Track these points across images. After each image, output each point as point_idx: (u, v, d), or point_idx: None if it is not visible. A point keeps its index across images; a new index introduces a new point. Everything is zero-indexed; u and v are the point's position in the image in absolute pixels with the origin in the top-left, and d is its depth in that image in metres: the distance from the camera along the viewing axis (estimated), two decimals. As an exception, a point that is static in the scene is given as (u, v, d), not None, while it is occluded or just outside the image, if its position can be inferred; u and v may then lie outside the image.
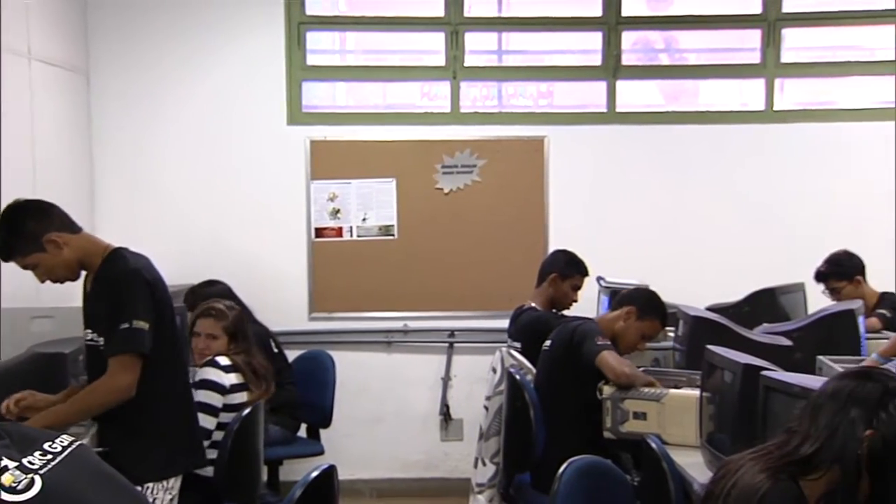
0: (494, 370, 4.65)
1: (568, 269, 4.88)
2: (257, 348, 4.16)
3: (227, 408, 3.81)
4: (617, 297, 4.31)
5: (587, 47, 6.05)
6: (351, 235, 5.92)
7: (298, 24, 5.91)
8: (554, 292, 4.89)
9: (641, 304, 4.08)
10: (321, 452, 5.14)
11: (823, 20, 6.05)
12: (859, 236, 5.35)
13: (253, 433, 3.77)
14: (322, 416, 5.30)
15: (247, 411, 3.73)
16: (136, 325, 3.01)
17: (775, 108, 5.98)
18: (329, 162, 5.92)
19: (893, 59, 6.01)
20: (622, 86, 6.01)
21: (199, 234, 5.82)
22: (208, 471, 3.53)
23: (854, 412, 2.02)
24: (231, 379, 3.87)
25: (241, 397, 3.87)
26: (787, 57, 5.97)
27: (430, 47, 6.02)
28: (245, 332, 4.05)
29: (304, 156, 5.91)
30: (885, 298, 4.96)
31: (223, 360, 3.90)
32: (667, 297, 4.58)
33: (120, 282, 3.06)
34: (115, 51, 5.80)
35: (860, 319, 4.18)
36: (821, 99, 6.14)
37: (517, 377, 4.15)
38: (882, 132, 5.86)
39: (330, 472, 2.64)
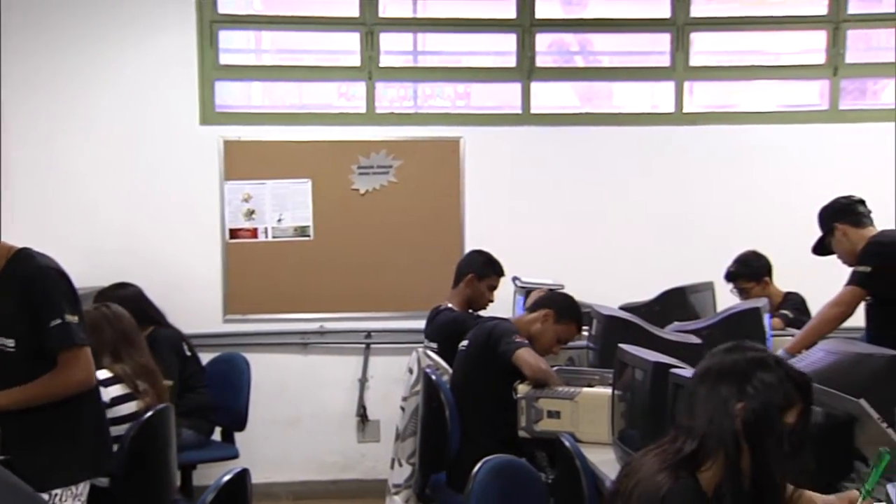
0: (411, 371, 4.66)
1: (484, 269, 4.91)
2: (164, 353, 4.05)
3: (115, 421, 3.65)
4: (534, 299, 4.34)
5: (503, 49, 6.09)
6: (266, 236, 5.87)
7: (210, 22, 5.84)
8: (471, 293, 4.91)
9: (559, 307, 4.12)
10: (236, 456, 5.08)
11: (730, 25, 6.18)
12: (764, 236, 5.48)
13: (158, 440, 3.67)
14: (237, 419, 5.24)
15: (148, 417, 3.62)
16: (67, 319, 2.99)
17: (685, 111, 6.09)
18: (243, 162, 5.86)
19: (797, 63, 6.19)
20: (538, 87, 6.06)
21: (110, 236, 5.70)
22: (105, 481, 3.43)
23: (724, 389, 2.06)
24: (112, 392, 3.72)
25: (128, 408, 3.73)
26: (695, 60, 6.09)
27: (346, 47, 6.00)
28: (131, 339, 3.89)
29: (217, 156, 5.83)
30: (789, 298, 5.09)
31: (102, 374, 3.73)
32: (581, 296, 4.64)
33: (35, 280, 3.00)
34: (26, 48, 5.65)
35: (766, 317, 4.29)
36: (728, 101, 6.27)
37: (433, 377, 4.16)
38: (786, 134, 6.02)
39: (243, 475, 2.61)
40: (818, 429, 2.52)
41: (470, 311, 4.89)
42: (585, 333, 4.52)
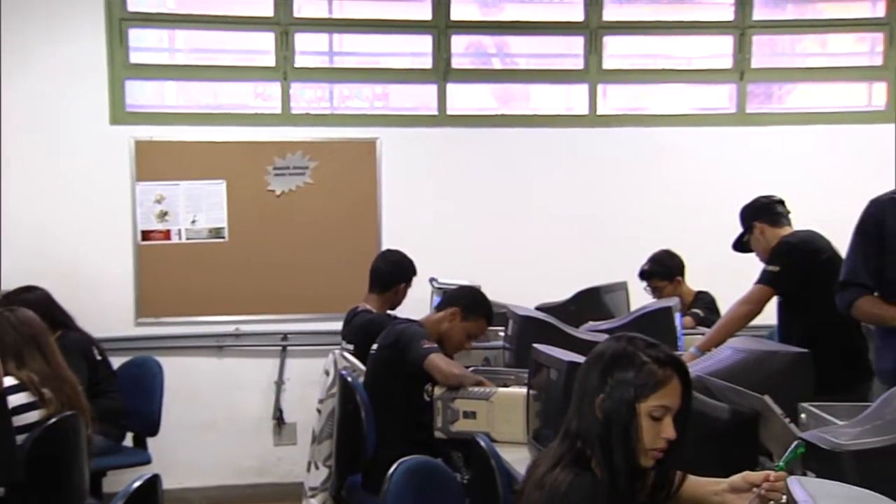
0: (327, 373, 4.63)
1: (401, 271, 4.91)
2: (73, 357, 3.95)
3: (18, 430, 3.53)
4: (445, 297, 4.34)
5: (419, 50, 6.10)
6: (179, 238, 5.78)
7: (120, 20, 5.73)
8: (397, 297, 4.92)
9: (465, 304, 4.12)
10: (148, 461, 4.99)
11: (641, 29, 6.28)
12: (676, 236, 5.55)
13: (62, 448, 3.57)
14: (149, 424, 5.15)
15: (50, 424, 3.52)
16: None
17: (598, 113, 6.17)
18: (156, 163, 5.76)
19: (706, 67, 6.33)
20: (455, 89, 6.09)
21: (18, 238, 5.55)
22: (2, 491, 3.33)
23: (588, 383, 2.11)
24: (16, 400, 3.61)
25: (32, 416, 3.62)
26: (608, 63, 6.17)
27: (261, 47, 5.94)
28: (38, 344, 3.78)
29: (128, 156, 5.73)
30: (700, 297, 5.19)
31: (8, 381, 3.61)
32: (498, 297, 4.66)
33: None
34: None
35: (677, 316, 4.37)
36: (641, 104, 6.38)
37: (349, 379, 4.13)
38: (696, 136, 6.16)
39: (153, 480, 2.56)
40: (724, 425, 2.63)
41: (388, 313, 4.88)
42: (501, 334, 4.55)
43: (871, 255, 3.41)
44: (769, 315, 4.74)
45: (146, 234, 5.76)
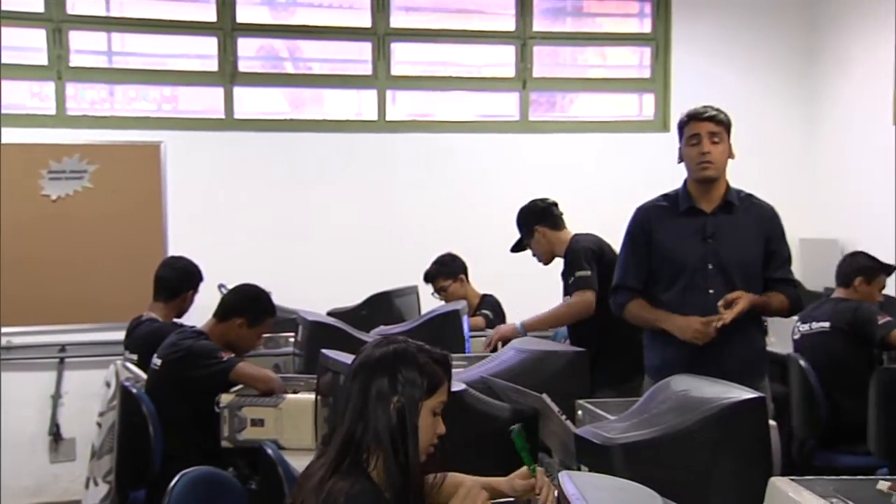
0: (108, 384, 4.45)
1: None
2: None
3: None
4: (221, 305, 4.21)
5: (206, 52, 5.96)
6: (-57, 246, 5.41)
7: None
8: (184, 305, 4.78)
9: (250, 312, 4.03)
10: None
11: (428, 37, 6.38)
12: (464, 240, 5.67)
13: None
14: None
15: None
16: None
17: (387, 118, 6.23)
18: (-84, 165, 5.37)
19: (491, 76, 6.49)
20: (248, 92, 5.99)
21: None
22: None
23: (375, 386, 2.11)
24: None
25: None
26: (397, 70, 6.24)
27: (33, 45, 5.64)
28: None
29: None
30: (486, 300, 5.33)
31: None
32: (289, 302, 4.70)
33: None
34: None
35: (464, 319, 4.45)
36: (429, 110, 6.47)
37: (133, 391, 3.99)
38: (482, 142, 6.31)
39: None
40: (505, 423, 2.61)
41: (174, 321, 4.74)
42: (291, 340, 4.51)
43: (639, 259, 3.54)
44: None
45: None
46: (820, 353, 4.61)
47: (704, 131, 3.40)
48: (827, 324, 4.59)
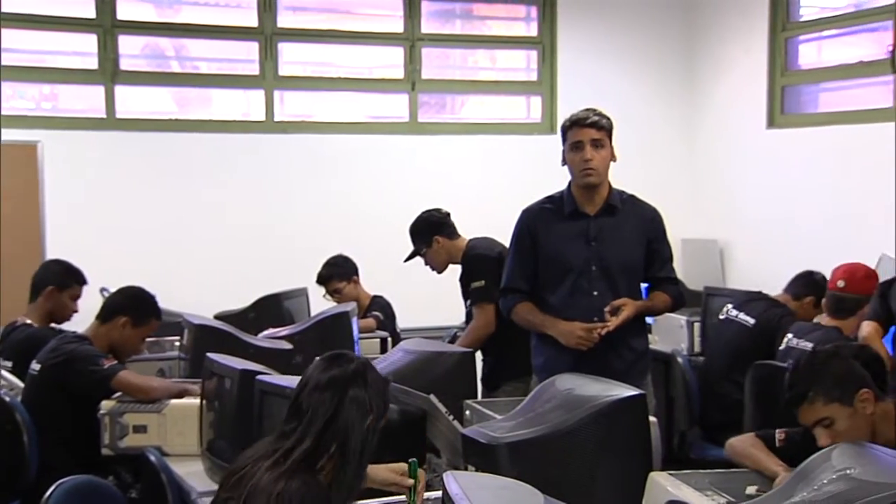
0: (-21, 393, 4.28)
1: (64, 279, 4.62)
2: None
3: None
4: (103, 307, 4.11)
5: (86, 50, 5.81)
6: None
7: None
8: (52, 306, 4.61)
9: (133, 311, 3.95)
10: None
11: (315, 37, 6.35)
12: (353, 241, 5.65)
13: None
14: None
15: None
16: None
17: (275, 119, 6.17)
18: None
19: (380, 77, 6.49)
20: (128, 92, 5.87)
21: None
22: None
23: (359, 401, 2.23)
24: None
25: None
26: (284, 70, 6.18)
27: None
28: None
29: None
30: (376, 301, 5.32)
31: None
32: (174, 305, 4.62)
33: None
34: None
35: (353, 320, 4.44)
36: (319, 111, 6.43)
37: (6, 399, 3.84)
38: (372, 144, 6.30)
39: None
40: (394, 425, 2.65)
41: (52, 325, 4.59)
42: (177, 343, 4.43)
43: (524, 261, 3.59)
44: (452, 317, 4.99)
45: None
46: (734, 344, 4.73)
47: (587, 138, 3.45)
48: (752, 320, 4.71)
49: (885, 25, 5.49)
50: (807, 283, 4.71)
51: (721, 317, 4.86)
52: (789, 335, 4.23)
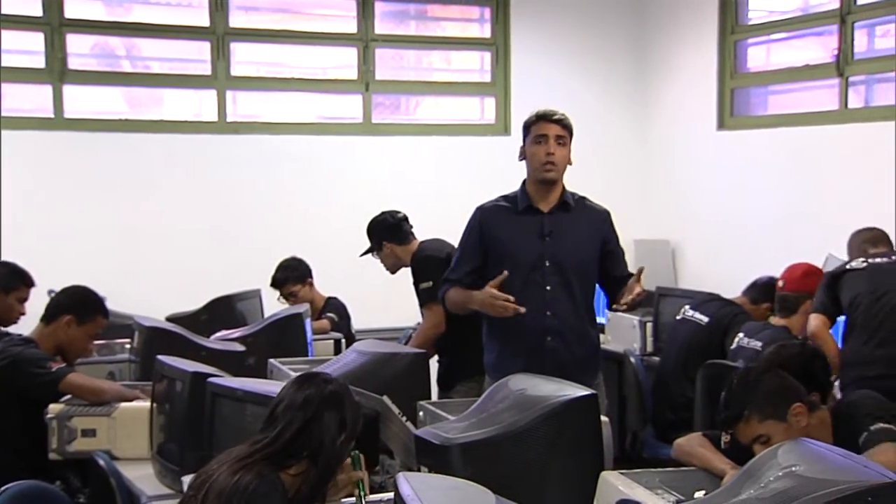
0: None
1: (11, 281, 4.54)
2: None
3: None
4: (47, 307, 4.05)
5: (34, 48, 5.72)
6: None
7: None
8: (-3, 308, 4.54)
9: (77, 308, 3.90)
10: None
11: (268, 37, 6.30)
12: (306, 243, 5.62)
13: None
14: None
15: None
16: None
17: (228, 120, 6.12)
18: None
19: (334, 77, 6.46)
20: (82, 91, 5.81)
21: None
22: None
23: (328, 415, 2.32)
24: None
25: None
26: (237, 70, 6.13)
27: None
28: None
29: None
30: (330, 303, 5.30)
31: None
32: (126, 307, 4.57)
33: None
34: None
35: (307, 322, 4.42)
36: (270, 112, 6.37)
37: (-49, 404, 3.77)
38: (325, 145, 6.26)
39: None
40: None
41: (-1, 328, 4.51)
42: (128, 346, 4.38)
43: (468, 255, 3.62)
44: (407, 318, 5.00)
45: None
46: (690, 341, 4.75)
47: (552, 133, 3.49)
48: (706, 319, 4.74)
49: (830, 29, 5.57)
50: (765, 289, 4.70)
51: (678, 317, 4.90)
52: (740, 334, 4.29)
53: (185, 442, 2.97)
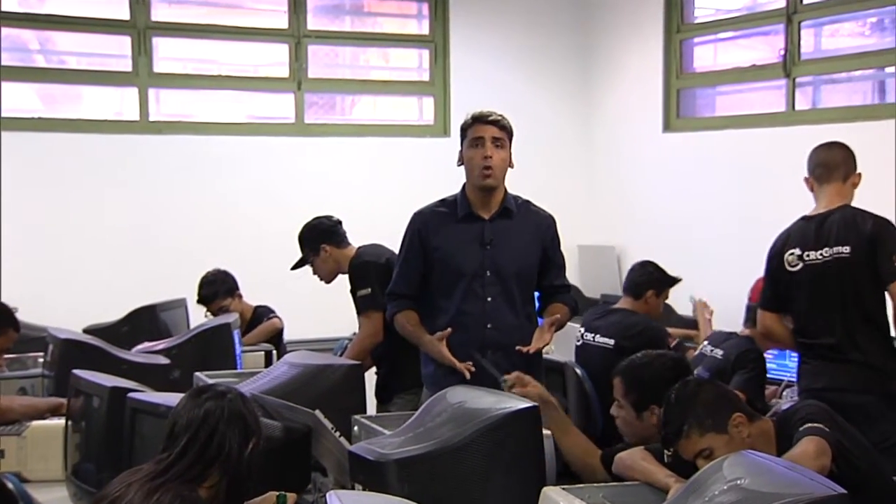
0: None
1: None
2: None
3: None
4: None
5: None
6: None
7: None
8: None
9: None
10: None
11: (193, 32, 6.13)
12: (235, 248, 5.55)
13: None
14: None
15: None
16: None
17: (150, 119, 5.96)
18: None
19: (264, 75, 6.31)
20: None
21: None
22: None
23: (236, 428, 2.30)
24: None
25: None
26: (160, 67, 5.97)
27: None
28: None
29: None
30: (260, 311, 5.11)
31: None
32: (39, 318, 4.45)
33: None
34: None
35: (235, 333, 4.25)
36: (195, 110, 6.24)
37: None
38: (255, 146, 6.10)
39: None
40: (277, 443, 2.61)
41: None
42: (41, 360, 4.15)
43: (411, 266, 3.52)
44: (341, 328, 4.94)
45: None
46: (600, 368, 4.59)
47: (488, 135, 3.41)
48: (612, 341, 4.56)
49: (777, 29, 5.60)
50: (641, 277, 4.57)
51: (586, 339, 4.79)
52: (704, 343, 4.30)
53: (103, 462, 2.87)
